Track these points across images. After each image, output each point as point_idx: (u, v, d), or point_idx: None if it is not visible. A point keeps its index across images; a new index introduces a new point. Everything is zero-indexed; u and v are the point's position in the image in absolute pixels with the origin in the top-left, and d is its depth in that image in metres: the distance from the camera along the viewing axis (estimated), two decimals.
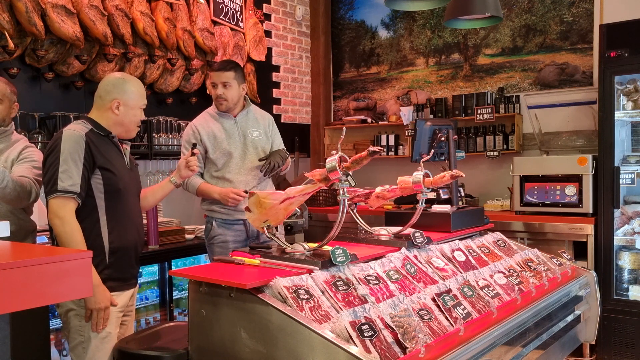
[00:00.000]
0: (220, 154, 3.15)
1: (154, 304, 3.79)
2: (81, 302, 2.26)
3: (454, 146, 3.14)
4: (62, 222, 2.20)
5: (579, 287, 2.78)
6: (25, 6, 3.13)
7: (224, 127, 3.19)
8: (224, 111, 3.19)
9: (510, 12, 4.89)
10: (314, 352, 1.59)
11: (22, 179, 2.42)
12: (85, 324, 2.26)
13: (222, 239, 3.19)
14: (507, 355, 2.08)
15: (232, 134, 3.18)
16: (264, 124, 3.30)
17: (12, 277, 1.03)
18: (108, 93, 2.35)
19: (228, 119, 3.21)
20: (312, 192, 2.02)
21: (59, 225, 2.20)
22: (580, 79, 4.59)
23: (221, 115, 3.21)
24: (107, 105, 2.35)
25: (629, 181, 3.97)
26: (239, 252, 2.21)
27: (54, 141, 2.28)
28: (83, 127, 2.32)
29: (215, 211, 3.20)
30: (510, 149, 4.71)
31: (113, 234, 2.32)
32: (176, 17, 4.13)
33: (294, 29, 5.66)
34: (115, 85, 2.36)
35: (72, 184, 2.20)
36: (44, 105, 3.55)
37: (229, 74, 3.11)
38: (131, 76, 2.51)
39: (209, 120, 3.21)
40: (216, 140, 3.15)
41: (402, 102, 5.50)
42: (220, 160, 3.15)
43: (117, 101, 2.34)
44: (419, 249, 2.37)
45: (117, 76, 2.41)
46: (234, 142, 3.17)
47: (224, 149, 3.15)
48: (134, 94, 2.39)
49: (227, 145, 3.16)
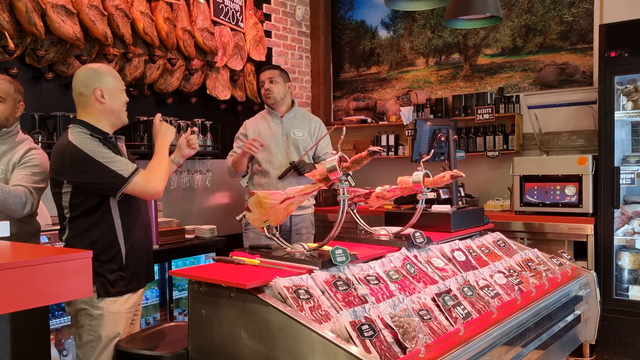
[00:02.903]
0: (262, 149, 3.43)
1: (154, 304, 3.79)
2: (92, 302, 2.26)
3: (454, 146, 3.14)
4: (152, 175, 2.28)
5: (579, 287, 2.78)
6: (25, 6, 3.13)
7: (270, 125, 3.56)
8: (272, 105, 3.54)
9: (510, 12, 4.89)
10: (314, 352, 1.59)
11: (17, 189, 2.33)
12: (97, 324, 2.27)
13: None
14: (507, 355, 2.08)
15: (275, 132, 3.54)
16: (310, 126, 3.61)
17: (13, 277, 1.03)
18: (87, 86, 2.30)
19: (275, 118, 3.57)
20: (312, 192, 2.02)
21: (155, 179, 2.28)
22: (580, 79, 4.59)
23: (271, 115, 3.58)
24: (91, 99, 2.31)
25: (629, 181, 3.97)
26: (239, 252, 2.21)
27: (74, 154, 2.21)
28: (84, 132, 2.29)
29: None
30: (510, 149, 4.71)
31: (128, 235, 2.33)
32: (176, 17, 4.13)
33: (294, 29, 5.66)
34: (90, 77, 2.32)
35: (126, 167, 2.23)
36: (44, 105, 3.54)
37: (274, 71, 3.57)
38: (100, 64, 2.50)
39: (259, 119, 3.64)
40: (260, 136, 3.49)
41: (402, 102, 5.50)
42: (261, 155, 3.48)
43: (99, 89, 2.30)
44: (419, 249, 2.37)
45: (87, 67, 2.37)
46: (276, 139, 3.52)
47: (266, 145, 3.45)
48: (111, 77, 2.36)
49: (269, 142, 3.48)
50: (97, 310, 2.27)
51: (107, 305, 2.28)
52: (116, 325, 2.30)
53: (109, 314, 2.28)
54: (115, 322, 2.30)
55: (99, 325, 2.26)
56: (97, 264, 2.25)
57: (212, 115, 4.54)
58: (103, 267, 2.27)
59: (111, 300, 2.29)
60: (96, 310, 2.27)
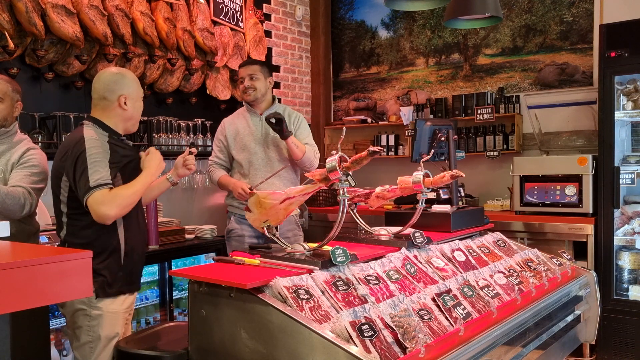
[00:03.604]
0: (240, 149, 3.31)
1: (154, 304, 3.79)
2: (91, 302, 2.25)
3: (454, 146, 3.14)
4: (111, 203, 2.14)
5: (579, 287, 2.78)
6: (25, 6, 3.13)
7: (248, 123, 3.36)
8: (252, 102, 3.34)
9: (510, 12, 4.89)
10: (314, 352, 1.59)
11: (15, 189, 2.31)
12: (96, 324, 2.26)
13: (239, 233, 3.33)
14: (507, 355, 2.08)
15: (254, 131, 3.33)
16: (289, 122, 3.36)
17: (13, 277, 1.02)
18: (112, 92, 2.31)
19: (254, 116, 3.37)
20: (312, 192, 2.02)
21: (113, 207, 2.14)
22: (580, 79, 4.58)
23: (250, 112, 3.38)
24: (114, 104, 2.32)
25: (629, 181, 3.97)
26: (239, 252, 2.21)
27: (75, 147, 2.21)
28: (101, 133, 2.29)
29: (234, 206, 3.36)
30: (510, 149, 4.71)
31: (127, 236, 2.33)
32: (176, 17, 4.13)
33: (294, 29, 5.66)
34: (116, 82, 2.33)
35: (103, 178, 2.16)
36: (44, 105, 3.54)
37: (255, 67, 3.34)
38: (124, 69, 2.51)
39: (237, 117, 3.43)
40: (238, 135, 3.33)
41: (402, 102, 5.50)
42: (240, 155, 3.32)
43: (124, 97, 2.32)
44: (419, 249, 2.37)
45: (113, 72, 2.38)
46: (254, 138, 3.32)
47: (244, 144, 3.31)
48: (135, 85, 2.39)
49: (247, 141, 3.32)
50: (95, 311, 2.25)
51: (106, 305, 2.27)
52: (115, 325, 2.29)
53: (108, 314, 2.27)
54: (114, 322, 2.29)
55: (98, 326, 2.25)
56: (95, 263, 2.22)
57: (212, 115, 4.54)
58: (102, 266, 2.26)
59: (110, 300, 2.28)
60: (95, 310, 2.25)
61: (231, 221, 3.40)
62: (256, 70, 3.31)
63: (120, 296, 2.32)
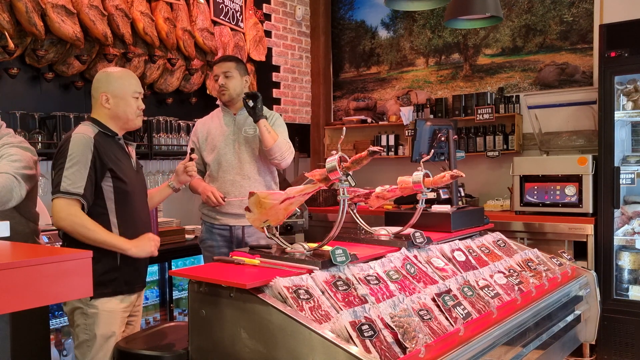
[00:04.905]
0: (210, 150, 3.13)
1: (154, 304, 3.79)
2: (88, 301, 2.25)
3: (454, 146, 3.14)
4: (69, 218, 2.16)
5: (579, 287, 2.78)
6: (25, 6, 3.13)
7: (221, 123, 3.16)
8: (227, 102, 3.13)
9: (510, 12, 4.89)
10: (314, 352, 1.59)
11: (0, 175, 2.15)
12: (92, 322, 2.26)
13: (209, 243, 3.18)
14: (507, 355, 2.08)
15: (226, 131, 3.13)
16: None
17: (12, 277, 1.03)
18: (96, 89, 2.36)
19: (227, 116, 3.16)
20: (312, 192, 2.02)
21: (68, 221, 2.16)
22: (580, 79, 4.58)
23: (224, 112, 3.18)
24: (98, 102, 2.35)
25: (629, 181, 3.97)
26: (239, 252, 2.21)
27: (62, 144, 2.27)
28: (91, 129, 2.31)
29: (205, 215, 3.20)
30: (510, 149, 4.71)
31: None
32: (176, 17, 4.13)
33: (294, 29, 5.66)
34: (99, 80, 2.37)
35: (75, 186, 2.17)
36: (44, 105, 3.54)
37: (229, 64, 3.11)
38: (119, 68, 2.52)
39: (211, 117, 3.23)
40: (209, 136, 3.14)
41: (402, 102, 5.49)
42: (209, 156, 3.13)
43: (104, 95, 2.33)
44: (419, 249, 2.37)
45: (102, 71, 2.43)
46: (225, 139, 3.11)
47: (213, 145, 3.12)
48: (119, 83, 2.36)
49: (217, 141, 3.11)
50: (91, 309, 2.25)
51: (101, 304, 2.26)
52: (112, 324, 2.29)
53: (104, 312, 2.27)
54: (111, 320, 2.29)
55: (94, 324, 2.25)
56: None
57: None
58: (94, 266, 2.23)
59: (106, 299, 2.27)
60: (90, 308, 2.25)
61: (202, 230, 3.23)
62: (231, 67, 3.08)
63: (117, 295, 2.32)
